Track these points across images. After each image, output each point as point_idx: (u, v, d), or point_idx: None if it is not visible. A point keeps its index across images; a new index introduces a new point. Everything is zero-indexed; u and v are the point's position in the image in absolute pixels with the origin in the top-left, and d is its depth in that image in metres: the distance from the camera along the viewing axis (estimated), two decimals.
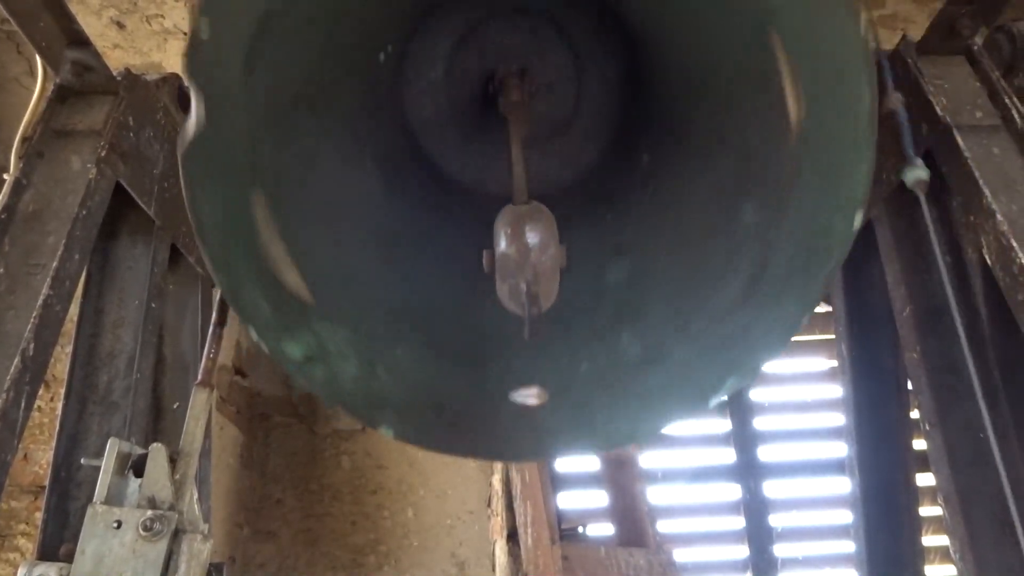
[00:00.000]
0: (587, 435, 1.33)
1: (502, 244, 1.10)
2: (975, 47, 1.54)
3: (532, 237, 1.10)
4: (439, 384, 1.32)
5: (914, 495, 1.83)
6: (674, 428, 1.37)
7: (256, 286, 1.17)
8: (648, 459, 3.60)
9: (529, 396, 1.19)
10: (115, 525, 1.23)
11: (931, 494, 1.69)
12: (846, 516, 1.98)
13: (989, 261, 1.32)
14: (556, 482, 3.47)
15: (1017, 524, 1.27)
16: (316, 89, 1.22)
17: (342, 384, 1.27)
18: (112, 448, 1.29)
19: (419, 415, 1.31)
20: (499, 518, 3.27)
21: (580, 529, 3.51)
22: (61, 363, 1.66)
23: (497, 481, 3.30)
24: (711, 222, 1.31)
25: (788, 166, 1.16)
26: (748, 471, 3.79)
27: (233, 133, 1.07)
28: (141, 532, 1.23)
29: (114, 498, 1.27)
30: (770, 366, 4.01)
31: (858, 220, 1.14)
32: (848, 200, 1.14)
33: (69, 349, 1.61)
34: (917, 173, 1.34)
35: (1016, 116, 1.41)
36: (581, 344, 1.35)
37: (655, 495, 3.53)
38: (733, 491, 3.79)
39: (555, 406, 1.20)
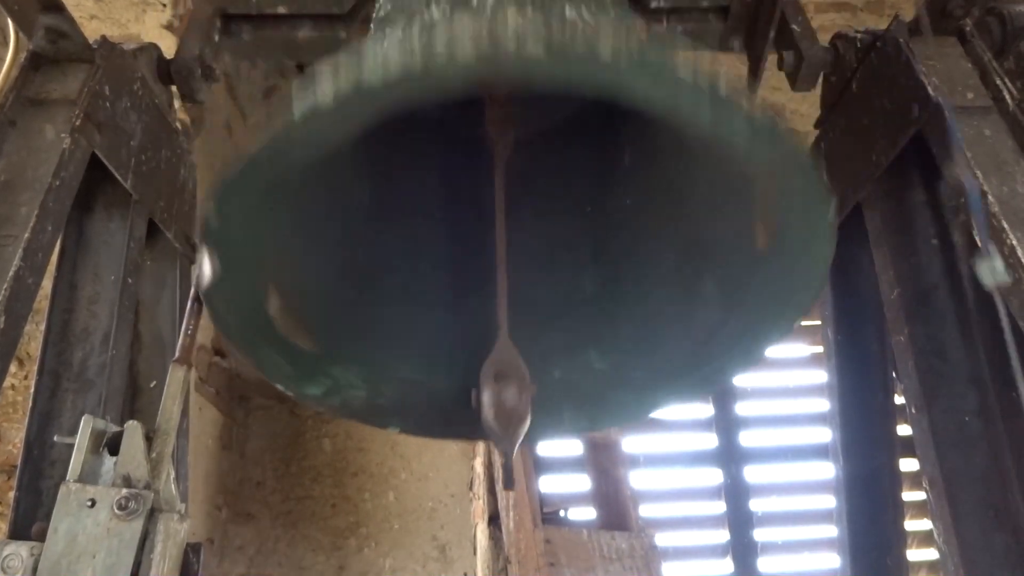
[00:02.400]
0: (554, 426, 1.49)
1: (485, 406, 1.25)
2: (967, 28, 1.53)
3: (510, 400, 1.25)
4: (436, 390, 1.48)
5: (898, 480, 1.83)
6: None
7: (276, 353, 1.35)
8: (631, 444, 3.61)
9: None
10: (89, 504, 1.20)
11: (913, 479, 1.69)
12: (825, 501, 1.98)
13: (979, 243, 1.31)
14: (539, 466, 3.47)
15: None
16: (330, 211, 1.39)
17: (354, 407, 1.46)
18: (86, 425, 1.25)
19: (420, 417, 1.49)
20: (481, 501, 3.26)
21: (562, 513, 3.52)
22: (36, 341, 1.62)
23: (479, 465, 3.29)
24: (674, 280, 1.42)
25: (750, 266, 1.25)
26: (730, 456, 3.82)
27: (244, 265, 1.21)
28: (116, 511, 1.20)
29: (88, 476, 1.24)
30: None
31: (812, 301, 1.25)
32: (804, 295, 1.23)
33: (43, 327, 1.58)
34: (999, 276, 1.20)
35: (1007, 97, 1.40)
36: (555, 353, 1.47)
37: (637, 479, 3.54)
38: (715, 476, 3.81)
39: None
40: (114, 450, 1.26)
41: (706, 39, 1.90)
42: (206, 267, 1.14)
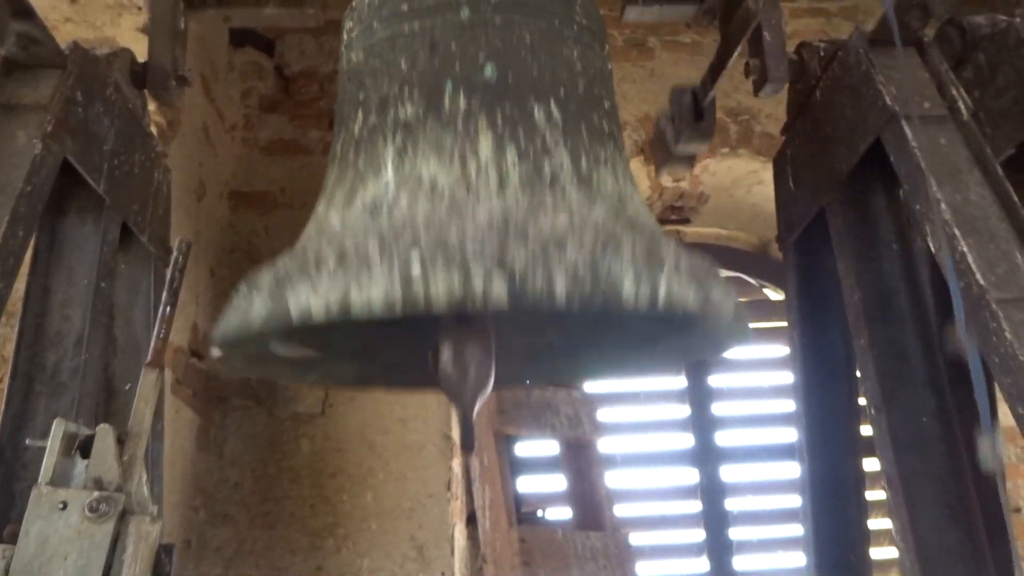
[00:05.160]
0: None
1: (443, 363, 1.24)
2: (925, 39, 1.57)
3: (471, 361, 1.23)
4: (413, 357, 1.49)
5: (861, 479, 1.87)
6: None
7: (284, 369, 1.45)
8: (607, 444, 3.64)
9: None
10: (60, 506, 1.21)
11: (877, 479, 1.73)
12: (799, 500, 2.02)
13: (933, 249, 1.35)
14: (515, 466, 3.49)
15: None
16: None
17: (341, 380, 1.63)
18: (58, 428, 1.27)
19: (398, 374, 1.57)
20: (459, 502, 3.28)
21: (539, 513, 3.54)
22: (9, 344, 1.63)
23: (457, 465, 3.30)
24: None
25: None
26: (705, 456, 3.85)
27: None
28: (87, 513, 1.21)
29: (60, 479, 1.25)
30: (729, 352, 4.07)
31: None
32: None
33: (16, 331, 1.58)
34: (994, 456, 1.26)
35: (962, 107, 1.44)
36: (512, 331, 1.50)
37: (613, 479, 3.57)
38: (691, 475, 3.85)
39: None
40: (86, 453, 1.27)
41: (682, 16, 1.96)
42: (215, 352, 1.22)
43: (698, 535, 3.79)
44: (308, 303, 1.00)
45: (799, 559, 3.53)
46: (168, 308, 1.36)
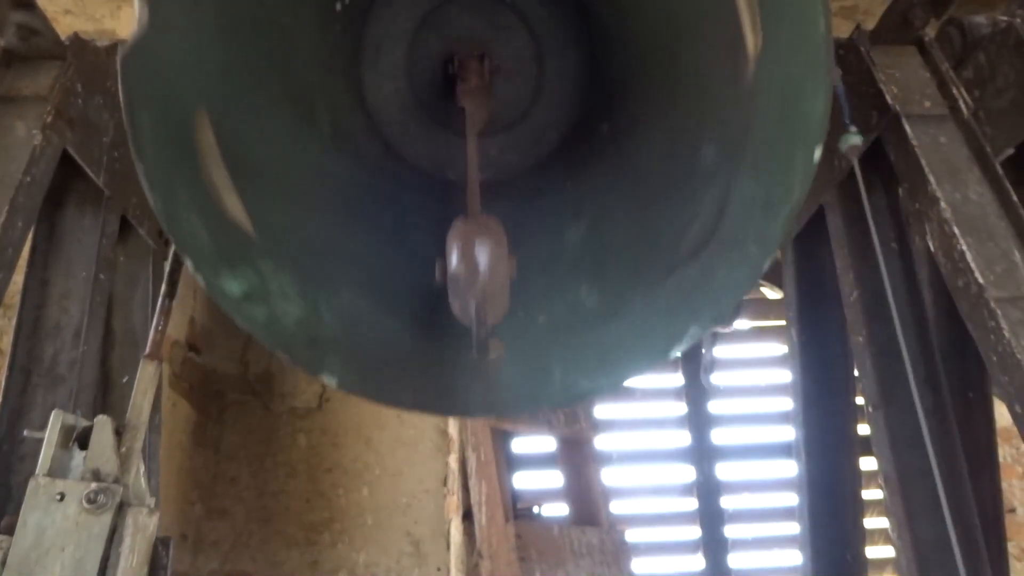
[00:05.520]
0: (544, 389, 1.30)
1: (453, 261, 1.10)
2: (926, 38, 1.57)
3: (482, 255, 1.10)
4: (388, 334, 1.27)
5: (857, 478, 1.87)
6: (634, 381, 1.31)
7: (195, 211, 1.14)
8: (604, 441, 3.64)
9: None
10: (58, 497, 1.21)
11: (873, 478, 1.73)
12: (795, 499, 2.03)
13: (932, 247, 1.36)
14: (512, 462, 3.49)
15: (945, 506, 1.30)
16: (271, 37, 1.20)
17: (284, 326, 1.21)
18: (56, 420, 1.26)
19: (365, 364, 1.26)
20: (455, 497, 3.28)
21: (535, 509, 3.54)
22: (7, 336, 1.62)
23: (453, 460, 3.31)
24: (670, 172, 1.31)
25: (747, 103, 1.16)
26: (702, 454, 3.85)
27: (179, 47, 1.06)
28: (85, 505, 1.21)
29: (57, 470, 1.25)
30: (726, 351, 4.07)
31: (817, 153, 1.13)
32: (807, 133, 1.13)
33: (15, 323, 1.58)
34: (851, 140, 1.39)
35: (963, 106, 1.44)
36: (539, 297, 1.33)
37: (610, 477, 3.57)
38: (687, 473, 3.85)
39: (512, 359, 1.16)
40: (84, 445, 1.27)
41: None
42: (134, 22, 1.01)
43: (694, 532, 3.79)
44: None
45: (795, 557, 3.54)
46: (167, 300, 1.36)
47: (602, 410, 3.71)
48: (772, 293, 4.21)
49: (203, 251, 1.15)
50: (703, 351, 3.27)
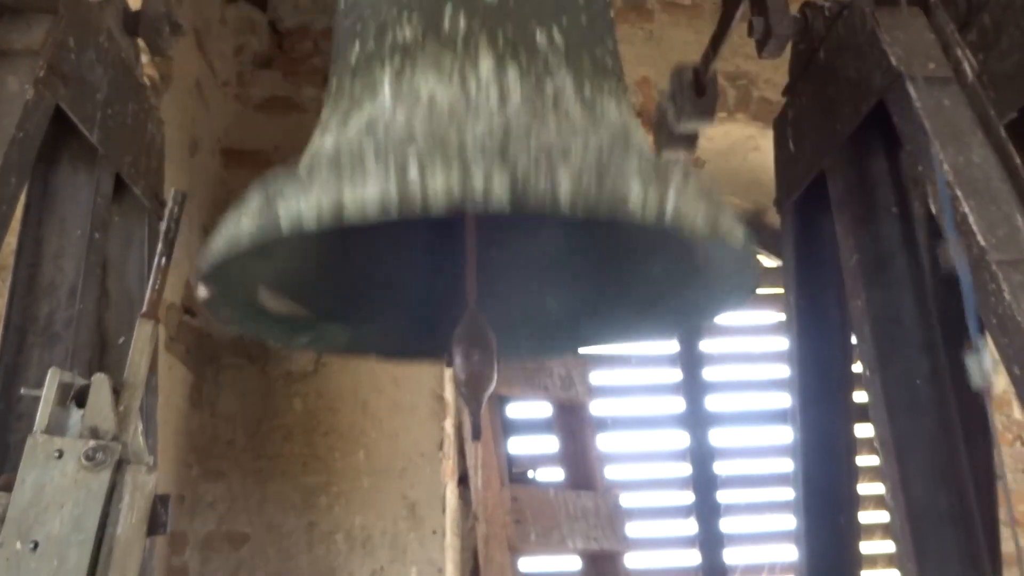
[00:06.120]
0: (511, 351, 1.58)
1: (456, 366, 1.37)
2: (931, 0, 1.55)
3: (477, 366, 1.35)
4: (406, 329, 1.61)
5: (852, 444, 1.88)
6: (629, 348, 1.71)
7: (273, 327, 1.48)
8: (599, 406, 3.66)
9: None
10: (56, 455, 1.21)
11: (869, 444, 1.74)
12: (788, 465, 2.04)
13: (933, 211, 1.35)
14: (508, 427, 3.51)
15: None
16: None
17: (333, 346, 1.63)
18: (53, 377, 1.26)
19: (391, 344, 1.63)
20: (450, 461, 3.30)
21: (530, 473, 3.57)
22: (2, 296, 1.61)
23: (449, 425, 3.32)
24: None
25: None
26: (696, 420, 3.88)
27: (235, 285, 1.35)
28: (83, 462, 1.21)
29: (55, 428, 1.24)
30: (721, 318, 4.09)
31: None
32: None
33: (9, 282, 1.57)
34: (982, 370, 1.23)
35: (967, 69, 1.43)
36: (516, 308, 1.57)
37: (605, 442, 3.59)
38: (681, 439, 3.88)
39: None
40: (81, 403, 1.26)
41: None
42: (202, 291, 1.24)
43: (687, 497, 3.83)
44: (299, 209, 0.95)
45: (786, 522, 3.58)
46: (163, 259, 1.34)
47: (598, 376, 3.73)
48: (769, 261, 4.21)
49: (281, 338, 1.57)
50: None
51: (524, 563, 3.08)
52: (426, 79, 1.12)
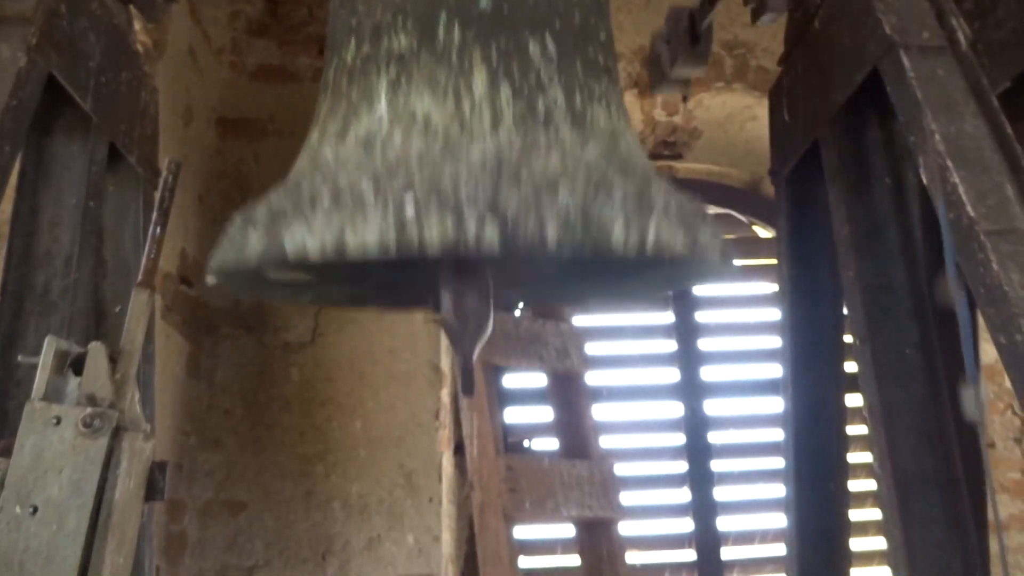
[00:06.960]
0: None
1: (444, 308, 1.30)
2: None
3: (471, 304, 1.29)
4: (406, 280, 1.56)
5: (842, 413, 1.91)
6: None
7: (277, 292, 1.52)
8: (594, 377, 3.68)
9: None
10: (54, 421, 1.22)
11: (858, 413, 1.76)
12: (780, 434, 2.06)
13: (925, 181, 1.35)
14: (503, 398, 3.53)
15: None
16: None
17: (333, 301, 1.75)
18: (50, 345, 1.27)
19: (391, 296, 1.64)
20: (447, 431, 3.33)
21: (526, 443, 3.61)
22: None
23: (446, 395, 3.35)
24: None
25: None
26: (690, 390, 3.91)
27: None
28: (81, 428, 1.22)
29: (53, 395, 1.26)
30: (715, 288, 4.09)
31: None
32: None
33: (5, 251, 1.58)
34: (978, 402, 1.25)
35: (961, 38, 1.42)
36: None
37: (600, 412, 3.62)
38: (675, 409, 3.91)
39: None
40: (78, 370, 1.27)
41: None
42: (210, 279, 1.26)
43: (681, 467, 3.87)
44: (304, 242, 1.03)
45: (779, 490, 3.62)
46: (158, 228, 1.35)
47: (593, 347, 3.74)
48: (763, 232, 4.22)
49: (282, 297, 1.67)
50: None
51: (519, 531, 3.11)
52: (421, 97, 1.17)
